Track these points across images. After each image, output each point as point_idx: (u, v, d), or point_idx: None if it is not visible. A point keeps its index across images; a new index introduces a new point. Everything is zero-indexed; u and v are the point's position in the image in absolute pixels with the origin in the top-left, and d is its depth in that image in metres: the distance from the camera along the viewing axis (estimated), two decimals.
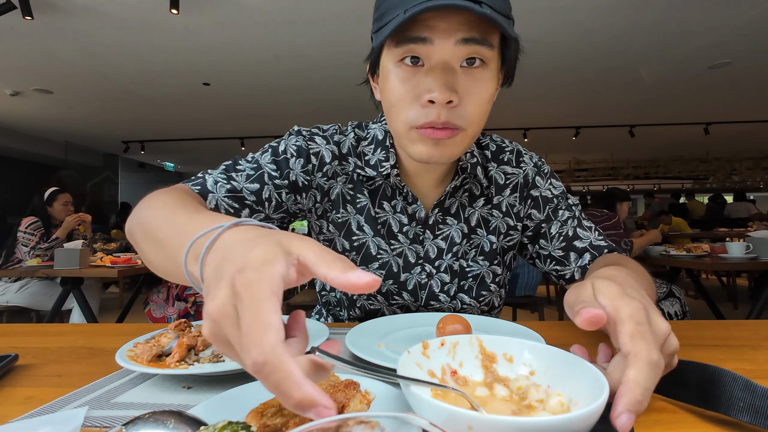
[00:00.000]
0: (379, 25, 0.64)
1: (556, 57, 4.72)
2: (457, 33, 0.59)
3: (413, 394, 0.33)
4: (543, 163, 0.89)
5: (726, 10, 3.76)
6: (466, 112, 0.63)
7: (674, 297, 2.96)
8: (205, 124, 7.49)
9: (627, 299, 0.39)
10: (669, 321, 0.43)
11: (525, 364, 0.44)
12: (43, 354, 0.65)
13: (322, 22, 3.90)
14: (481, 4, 0.56)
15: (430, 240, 0.82)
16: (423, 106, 0.62)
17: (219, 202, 0.75)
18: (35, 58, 4.65)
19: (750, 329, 0.71)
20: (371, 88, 0.77)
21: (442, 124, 0.62)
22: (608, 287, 0.41)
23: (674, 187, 12.50)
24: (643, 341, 0.35)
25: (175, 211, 0.50)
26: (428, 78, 0.61)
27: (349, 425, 0.21)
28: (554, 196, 0.86)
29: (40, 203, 3.42)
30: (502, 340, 0.46)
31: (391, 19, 0.60)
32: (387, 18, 0.61)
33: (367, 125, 0.86)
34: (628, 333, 0.36)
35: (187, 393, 0.49)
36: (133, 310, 4.10)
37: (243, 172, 0.77)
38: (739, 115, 7.15)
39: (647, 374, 0.33)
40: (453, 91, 0.60)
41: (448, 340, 0.45)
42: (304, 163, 0.79)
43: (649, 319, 0.38)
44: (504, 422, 0.30)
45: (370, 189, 0.82)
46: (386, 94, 0.67)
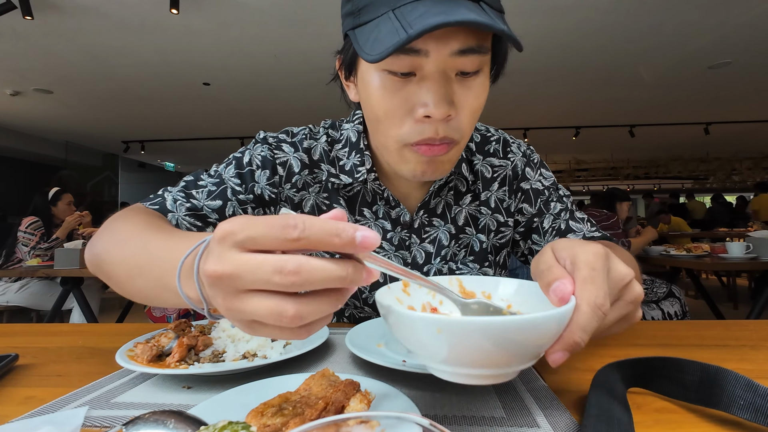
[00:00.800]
0: (356, 20, 0.55)
1: (556, 57, 4.72)
2: (454, 43, 0.52)
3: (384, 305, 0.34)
4: (532, 151, 0.83)
5: (726, 10, 3.76)
6: (461, 123, 0.58)
7: (674, 297, 2.96)
8: (205, 124, 7.49)
9: (585, 245, 0.39)
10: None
11: (503, 299, 0.45)
12: (43, 354, 0.65)
13: (322, 21, 3.90)
14: (481, 1, 0.51)
15: (417, 245, 0.77)
16: (418, 122, 0.56)
17: (179, 222, 0.71)
18: (35, 58, 4.65)
19: (750, 329, 0.71)
20: (341, 86, 0.69)
21: (440, 140, 0.57)
22: (566, 242, 0.41)
23: (674, 187, 12.51)
24: (592, 285, 0.35)
25: (147, 237, 0.49)
26: (422, 90, 0.54)
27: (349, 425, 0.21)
28: (545, 188, 0.81)
29: (43, 203, 3.43)
30: (481, 279, 0.47)
31: (374, 17, 0.52)
32: (369, 15, 0.53)
33: (341, 125, 0.79)
34: (580, 278, 0.36)
35: (187, 393, 0.49)
36: (133, 310, 4.10)
37: (204, 188, 0.73)
38: (739, 115, 7.16)
39: (588, 317, 0.34)
40: (450, 105, 0.55)
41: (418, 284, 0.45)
42: (269, 174, 0.74)
43: (608, 265, 0.38)
44: (469, 322, 0.30)
45: (348, 196, 0.76)
46: (370, 104, 0.60)
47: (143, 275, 0.46)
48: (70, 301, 3.06)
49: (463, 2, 0.50)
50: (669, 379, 0.43)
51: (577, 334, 0.34)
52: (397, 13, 0.50)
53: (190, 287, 0.37)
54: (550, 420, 0.40)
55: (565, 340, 0.34)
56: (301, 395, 0.38)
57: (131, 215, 0.62)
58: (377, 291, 0.39)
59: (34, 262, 3.11)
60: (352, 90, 0.67)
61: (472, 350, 0.31)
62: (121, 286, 0.52)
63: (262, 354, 0.55)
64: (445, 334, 0.31)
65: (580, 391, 0.46)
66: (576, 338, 0.34)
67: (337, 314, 0.85)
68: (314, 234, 0.28)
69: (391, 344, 0.60)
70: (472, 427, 0.39)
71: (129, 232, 0.54)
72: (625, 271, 0.39)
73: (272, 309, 0.29)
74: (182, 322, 0.61)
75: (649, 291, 2.99)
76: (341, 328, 0.74)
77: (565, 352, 0.34)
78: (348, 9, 0.57)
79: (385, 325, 0.69)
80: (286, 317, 0.28)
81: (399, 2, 0.51)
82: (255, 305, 0.29)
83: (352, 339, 0.58)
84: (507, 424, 0.39)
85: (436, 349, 0.32)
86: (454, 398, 0.45)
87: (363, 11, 0.54)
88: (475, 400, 0.45)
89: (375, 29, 0.52)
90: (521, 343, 0.32)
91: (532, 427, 0.39)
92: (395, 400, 0.40)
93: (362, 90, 0.62)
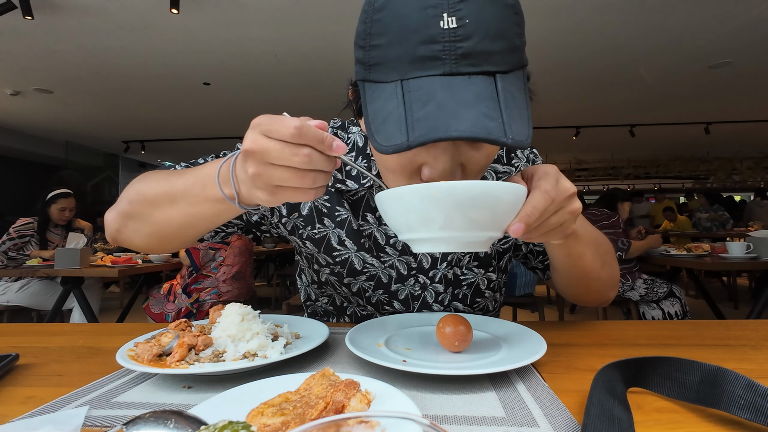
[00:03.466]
0: (367, 74, 0.52)
1: (556, 57, 4.71)
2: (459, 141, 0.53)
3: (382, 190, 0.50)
4: (536, 155, 0.84)
5: (726, 10, 3.76)
6: (469, 177, 0.57)
7: (675, 297, 2.96)
8: (205, 124, 7.49)
9: (544, 165, 0.53)
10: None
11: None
12: (43, 353, 0.65)
13: (323, 21, 3.90)
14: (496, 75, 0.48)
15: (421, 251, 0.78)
16: (424, 178, 0.55)
17: None
18: (35, 58, 4.65)
19: (750, 329, 0.71)
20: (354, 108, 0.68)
21: None
22: (534, 165, 0.54)
23: (675, 186, 12.50)
24: (544, 180, 0.50)
25: (178, 173, 0.60)
26: (429, 156, 0.53)
27: (349, 425, 0.21)
28: None
29: (42, 203, 3.42)
30: None
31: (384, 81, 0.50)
32: (379, 75, 0.51)
33: (349, 127, 0.79)
34: (535, 177, 0.51)
35: (187, 392, 0.49)
36: (134, 310, 4.10)
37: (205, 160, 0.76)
38: (740, 115, 7.15)
39: (538, 198, 0.48)
40: (456, 170, 0.54)
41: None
42: None
43: (557, 177, 0.51)
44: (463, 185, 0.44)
45: (352, 200, 0.76)
46: (378, 155, 0.60)
47: (186, 196, 0.57)
48: (70, 300, 3.06)
49: (477, 79, 0.47)
50: (669, 379, 0.43)
51: (528, 209, 0.48)
52: (405, 89, 0.48)
53: (227, 186, 0.50)
54: (550, 420, 0.40)
55: (521, 213, 0.48)
56: (302, 395, 0.38)
57: (149, 172, 0.69)
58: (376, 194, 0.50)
59: (34, 262, 3.11)
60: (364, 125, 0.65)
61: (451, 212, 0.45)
62: (162, 215, 0.61)
63: (262, 354, 0.54)
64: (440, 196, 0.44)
65: (580, 391, 0.46)
66: (528, 211, 0.47)
67: (339, 312, 0.86)
68: (309, 138, 0.43)
69: (391, 344, 0.60)
70: (472, 427, 0.39)
71: (159, 175, 0.64)
72: (569, 185, 0.51)
73: (294, 173, 0.44)
74: (182, 322, 0.62)
75: (649, 291, 2.98)
76: (341, 327, 0.74)
77: (521, 224, 0.47)
78: (359, 56, 0.53)
79: (387, 326, 0.69)
80: (307, 177, 0.44)
81: (410, 72, 0.48)
82: (281, 172, 0.44)
83: (352, 339, 0.58)
84: (507, 424, 0.39)
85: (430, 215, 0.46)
86: (454, 398, 0.45)
87: (373, 69, 0.51)
88: (475, 400, 0.45)
89: (385, 104, 0.49)
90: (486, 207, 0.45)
91: (532, 427, 0.39)
92: (395, 400, 0.40)
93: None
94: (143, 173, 0.72)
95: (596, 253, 0.70)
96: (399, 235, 0.52)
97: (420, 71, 0.48)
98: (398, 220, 0.50)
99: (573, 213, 0.52)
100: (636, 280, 3.04)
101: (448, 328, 0.56)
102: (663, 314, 2.92)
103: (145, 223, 0.64)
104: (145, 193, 0.63)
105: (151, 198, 0.62)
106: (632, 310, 3.08)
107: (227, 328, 0.57)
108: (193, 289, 2.99)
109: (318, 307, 0.89)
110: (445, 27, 0.46)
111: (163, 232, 0.63)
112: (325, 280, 0.82)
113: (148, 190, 0.63)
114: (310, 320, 0.72)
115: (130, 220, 0.66)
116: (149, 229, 0.64)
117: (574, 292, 0.77)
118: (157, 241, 0.66)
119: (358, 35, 0.53)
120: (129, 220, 0.66)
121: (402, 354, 0.56)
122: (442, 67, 0.47)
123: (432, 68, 0.47)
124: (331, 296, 0.85)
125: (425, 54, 0.47)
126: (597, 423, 0.33)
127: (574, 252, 0.66)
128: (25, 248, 3.34)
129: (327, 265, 0.79)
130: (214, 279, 3.02)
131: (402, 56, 0.48)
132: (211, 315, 0.64)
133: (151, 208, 0.62)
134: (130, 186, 0.68)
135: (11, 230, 3.30)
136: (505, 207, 0.47)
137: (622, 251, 2.94)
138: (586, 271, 0.70)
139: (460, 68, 0.47)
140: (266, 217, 0.79)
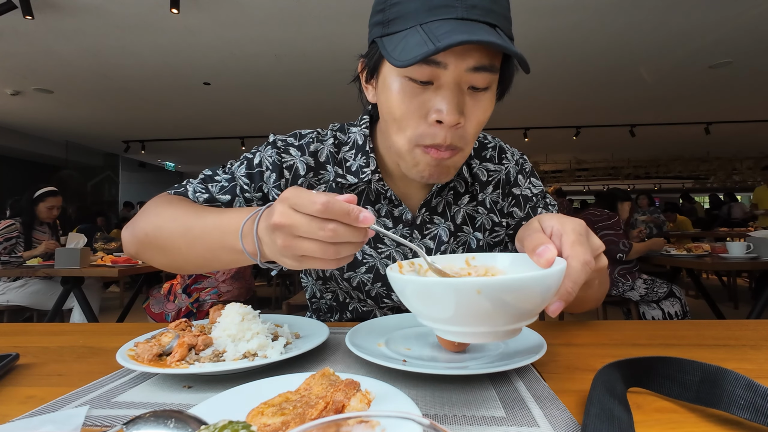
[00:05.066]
0: (385, 29, 0.61)
1: (556, 57, 4.72)
2: (470, 60, 0.58)
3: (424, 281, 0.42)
4: (525, 160, 0.89)
5: (726, 10, 3.76)
6: (467, 133, 0.63)
7: (675, 297, 2.96)
8: (205, 124, 7.49)
9: (570, 219, 0.50)
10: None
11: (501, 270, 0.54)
12: (43, 353, 0.65)
13: (323, 21, 3.90)
14: (496, 27, 0.57)
15: (418, 240, 0.81)
16: (430, 126, 0.61)
17: None
18: (35, 58, 4.66)
19: (751, 329, 0.71)
20: (360, 87, 0.75)
21: (446, 147, 0.62)
22: (551, 215, 0.51)
23: (675, 186, 12.50)
24: (581, 246, 0.46)
25: (199, 213, 0.63)
26: (437, 98, 0.60)
27: (350, 424, 0.21)
28: (533, 195, 0.86)
29: (27, 201, 3.36)
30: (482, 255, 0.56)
31: (402, 29, 0.58)
32: (398, 26, 0.59)
33: (348, 129, 0.84)
34: (569, 241, 0.46)
35: (187, 392, 0.49)
36: (134, 310, 4.10)
37: (218, 183, 0.78)
38: (740, 115, 7.15)
39: (578, 272, 0.44)
40: (461, 114, 0.60)
41: (416, 262, 0.54)
42: (276, 177, 0.78)
43: (588, 234, 0.49)
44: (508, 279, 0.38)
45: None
46: (388, 106, 0.65)
47: (203, 240, 0.59)
48: (70, 300, 3.06)
49: (483, 26, 0.56)
50: (669, 379, 0.43)
51: (569, 286, 0.44)
52: (425, 27, 0.56)
53: (249, 242, 0.53)
54: (550, 420, 0.40)
55: (560, 292, 0.43)
56: (302, 395, 0.38)
57: (168, 200, 0.73)
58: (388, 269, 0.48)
59: (34, 262, 3.11)
60: (371, 92, 0.72)
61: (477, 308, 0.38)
62: (178, 253, 0.64)
63: (262, 354, 0.55)
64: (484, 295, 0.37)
65: (580, 391, 0.46)
66: (569, 289, 0.44)
67: (341, 309, 0.88)
68: (334, 213, 0.43)
69: (391, 344, 0.60)
70: (472, 427, 0.39)
71: (176, 210, 0.66)
72: (598, 242, 0.50)
73: (320, 245, 0.45)
74: (182, 322, 0.62)
75: (649, 291, 2.98)
76: (341, 327, 0.74)
77: (561, 302, 0.44)
78: (377, 19, 0.63)
79: (387, 326, 0.69)
80: (330, 250, 0.45)
81: (427, 18, 0.57)
82: (308, 245, 0.45)
83: (353, 339, 0.58)
84: (507, 424, 0.39)
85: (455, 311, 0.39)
86: (454, 398, 0.45)
87: (392, 23, 0.60)
88: (475, 400, 0.45)
89: (403, 40, 0.58)
90: (523, 298, 0.39)
91: (532, 426, 0.39)
92: (395, 400, 0.40)
93: (382, 93, 0.67)
94: (163, 196, 0.77)
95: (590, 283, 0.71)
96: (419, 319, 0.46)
97: (435, 16, 0.56)
98: (421, 311, 0.43)
99: (600, 271, 0.51)
100: (636, 280, 3.04)
101: None
102: (663, 314, 2.92)
103: (161, 255, 0.68)
104: (161, 229, 0.66)
105: (167, 235, 0.65)
106: (632, 310, 3.08)
107: (227, 327, 0.57)
108: (193, 289, 2.99)
109: (322, 304, 0.90)
110: None
111: (177, 264, 0.68)
112: (329, 275, 0.85)
113: (165, 227, 0.65)
114: (310, 320, 0.72)
115: (147, 250, 0.70)
116: (165, 261, 0.69)
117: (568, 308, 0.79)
118: (175, 269, 0.72)
119: (376, 3, 0.63)
120: (146, 248, 0.70)
121: (402, 354, 0.56)
122: (455, 12, 0.56)
123: (446, 13, 0.56)
124: (334, 292, 0.88)
125: (440, 3, 0.56)
126: (597, 423, 0.33)
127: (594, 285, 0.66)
128: (15, 250, 3.31)
129: None
130: (214, 279, 3.03)
131: (419, 7, 0.57)
132: (211, 315, 0.64)
133: (168, 244, 0.65)
134: (149, 212, 0.71)
135: None
136: (548, 293, 0.41)
137: (624, 253, 2.94)
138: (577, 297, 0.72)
139: (470, 14, 0.56)
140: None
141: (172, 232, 0.64)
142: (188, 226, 0.62)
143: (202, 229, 0.60)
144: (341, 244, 0.46)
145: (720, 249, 2.95)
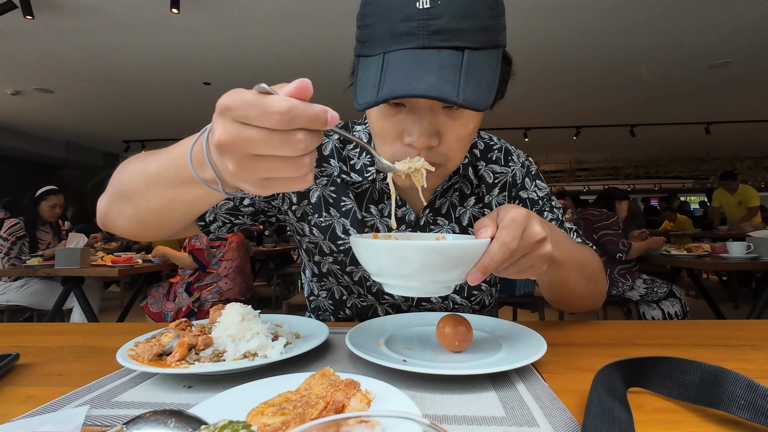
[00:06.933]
0: (361, 50, 0.60)
1: (556, 57, 4.71)
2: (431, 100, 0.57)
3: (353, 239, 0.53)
4: (531, 162, 0.88)
5: (726, 10, 3.76)
6: (446, 150, 0.62)
7: (675, 297, 2.96)
8: (205, 124, 7.43)
9: (515, 208, 0.52)
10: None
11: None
12: (44, 353, 0.65)
13: (323, 21, 3.90)
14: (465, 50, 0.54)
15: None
16: (404, 146, 0.62)
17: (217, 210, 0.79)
18: (36, 58, 4.66)
19: (751, 329, 0.71)
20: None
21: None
22: (509, 205, 0.53)
23: (675, 186, 12.50)
24: (506, 230, 0.50)
25: (157, 153, 0.57)
26: (409, 121, 0.60)
27: (350, 424, 0.21)
28: (539, 198, 0.86)
29: (30, 200, 3.37)
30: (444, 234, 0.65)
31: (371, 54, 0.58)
32: (368, 50, 0.58)
33: (353, 127, 0.84)
34: (501, 225, 0.51)
35: (187, 392, 0.49)
36: (134, 310, 4.10)
37: None
38: (740, 115, 7.15)
39: (496, 249, 0.49)
40: (433, 136, 0.60)
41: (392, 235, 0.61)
42: None
43: (527, 223, 0.51)
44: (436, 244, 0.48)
45: (356, 192, 0.80)
46: (369, 122, 0.67)
47: (161, 178, 0.53)
48: (70, 300, 3.06)
49: (445, 53, 0.54)
50: (669, 379, 0.43)
51: (486, 260, 0.49)
52: (386, 58, 0.56)
53: (204, 170, 0.45)
54: (550, 420, 0.40)
55: (478, 264, 0.50)
56: (302, 395, 0.38)
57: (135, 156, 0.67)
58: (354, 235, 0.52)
59: (34, 262, 3.11)
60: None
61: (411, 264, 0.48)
62: (140, 197, 0.57)
63: (262, 353, 0.55)
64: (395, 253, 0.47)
65: (580, 391, 0.46)
66: (485, 263, 0.49)
67: (341, 305, 0.87)
68: (300, 119, 0.36)
69: (391, 344, 0.60)
70: (472, 427, 0.39)
71: (137, 159, 0.61)
72: (539, 230, 0.52)
73: (287, 162, 0.38)
74: (183, 322, 0.62)
75: (649, 291, 2.98)
76: (341, 327, 0.74)
77: (478, 272, 0.50)
78: (357, 35, 0.62)
79: (387, 326, 0.69)
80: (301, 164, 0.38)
81: (390, 46, 0.56)
82: (270, 163, 0.38)
83: (352, 338, 0.58)
84: (507, 424, 0.39)
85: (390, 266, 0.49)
86: (454, 398, 0.45)
87: (365, 45, 0.59)
88: (475, 400, 0.45)
89: (367, 71, 0.57)
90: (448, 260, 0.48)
91: (532, 426, 0.39)
92: (395, 400, 0.40)
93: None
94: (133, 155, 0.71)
95: (581, 275, 0.72)
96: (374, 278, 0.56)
97: (398, 45, 0.55)
98: (366, 265, 0.54)
99: (542, 257, 0.53)
100: (636, 280, 3.04)
101: (448, 328, 0.56)
102: (663, 314, 2.92)
103: (126, 206, 0.61)
104: (124, 176, 0.61)
105: (127, 180, 0.60)
106: (632, 310, 3.07)
107: (227, 327, 0.57)
108: (194, 287, 3.00)
109: (321, 302, 0.90)
110: (420, 7, 0.54)
111: (142, 216, 0.60)
112: (326, 271, 0.84)
113: (126, 172, 0.61)
114: (310, 320, 0.72)
115: (114, 203, 0.64)
116: (130, 212, 0.62)
117: (558, 305, 0.80)
118: (139, 226, 0.64)
119: (357, 17, 0.61)
120: (112, 203, 0.64)
121: (402, 354, 0.56)
122: (416, 41, 0.54)
123: (408, 42, 0.55)
124: (330, 290, 0.87)
125: (403, 30, 0.55)
126: (597, 423, 0.33)
127: (555, 277, 0.68)
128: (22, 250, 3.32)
129: (331, 253, 0.82)
130: (216, 275, 3.04)
131: (385, 33, 0.56)
132: (211, 315, 0.64)
133: (130, 190, 0.59)
134: (117, 169, 0.66)
135: (4, 234, 3.22)
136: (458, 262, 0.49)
137: (623, 253, 2.93)
138: (570, 292, 0.73)
139: (431, 42, 0.54)
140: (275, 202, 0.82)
141: (132, 175, 0.59)
142: (145, 165, 0.57)
143: (157, 166, 0.54)
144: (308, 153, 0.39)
145: (720, 249, 2.95)
